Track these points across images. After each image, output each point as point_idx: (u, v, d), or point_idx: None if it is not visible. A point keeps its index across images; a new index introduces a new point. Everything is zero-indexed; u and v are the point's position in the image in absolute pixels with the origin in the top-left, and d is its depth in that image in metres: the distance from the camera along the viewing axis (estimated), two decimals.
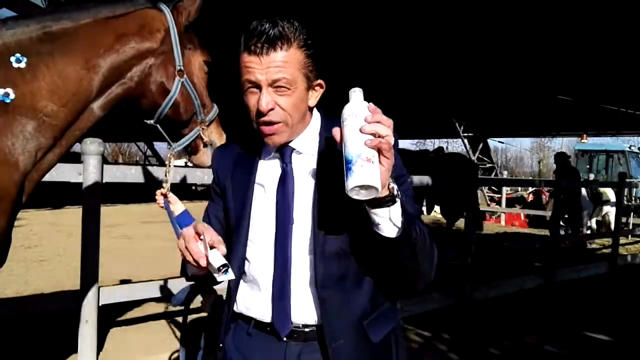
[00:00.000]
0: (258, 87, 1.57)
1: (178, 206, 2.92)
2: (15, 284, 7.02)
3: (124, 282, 6.66)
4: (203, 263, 1.43)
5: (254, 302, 1.69)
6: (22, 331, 5.16)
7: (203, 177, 4.66)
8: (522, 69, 14.34)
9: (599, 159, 20.70)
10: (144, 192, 2.85)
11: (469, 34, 11.74)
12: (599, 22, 10.40)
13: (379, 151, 1.33)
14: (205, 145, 2.59)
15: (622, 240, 12.02)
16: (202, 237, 1.45)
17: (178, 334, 5.24)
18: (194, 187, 23.82)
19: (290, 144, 1.68)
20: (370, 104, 1.38)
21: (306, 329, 1.65)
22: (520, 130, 27.82)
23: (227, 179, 1.77)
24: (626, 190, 13.90)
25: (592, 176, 18.31)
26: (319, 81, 1.67)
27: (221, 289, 1.91)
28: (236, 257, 1.70)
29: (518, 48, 12.49)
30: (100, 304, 4.36)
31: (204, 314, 2.70)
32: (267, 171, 1.72)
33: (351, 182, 1.34)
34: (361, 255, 1.62)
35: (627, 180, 10.92)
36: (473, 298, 7.09)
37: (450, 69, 14.68)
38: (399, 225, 1.44)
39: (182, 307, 2.69)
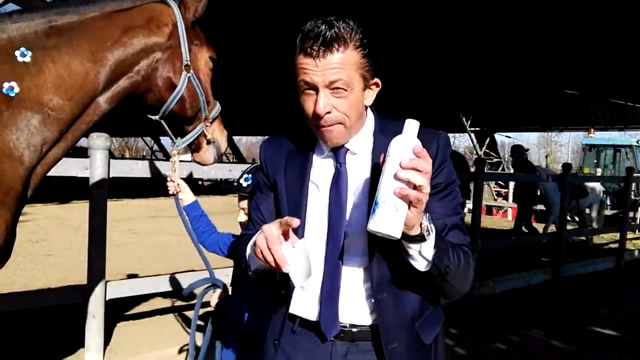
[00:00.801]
0: (314, 89, 1.55)
1: (188, 196, 2.93)
2: (23, 278, 7.05)
3: (130, 276, 6.67)
4: (286, 270, 1.39)
5: (301, 300, 1.68)
6: (29, 325, 5.17)
7: (209, 171, 4.66)
8: (529, 64, 14.28)
9: (607, 153, 20.58)
10: (150, 186, 2.86)
11: (476, 28, 11.70)
12: (606, 17, 10.33)
13: (409, 202, 1.35)
14: (208, 143, 2.58)
15: (629, 235, 11.99)
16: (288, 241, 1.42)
17: (185, 328, 5.24)
18: (200, 182, 23.87)
19: (345, 144, 1.67)
20: (418, 145, 1.37)
21: (354, 329, 1.64)
22: (527, 125, 27.72)
23: (279, 173, 1.74)
24: (633, 184, 13.81)
25: (599, 171, 18.21)
26: (375, 80, 1.65)
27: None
28: None
29: (525, 42, 12.44)
30: (107, 299, 4.37)
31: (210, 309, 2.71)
32: (321, 170, 1.70)
33: (371, 224, 1.36)
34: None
35: (635, 174, 10.86)
36: (480, 293, 7.07)
37: (457, 63, 14.63)
38: (429, 260, 1.48)
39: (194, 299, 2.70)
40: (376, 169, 1.61)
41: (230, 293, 2.81)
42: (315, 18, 1.56)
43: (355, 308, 1.64)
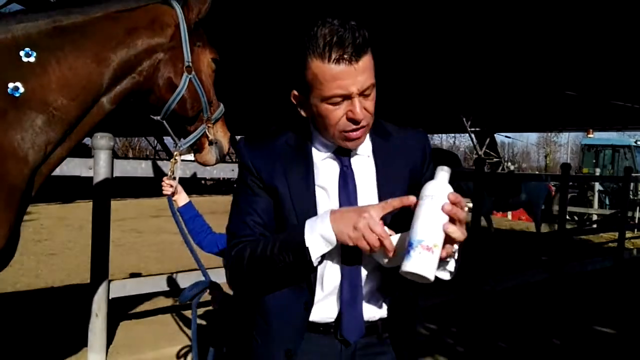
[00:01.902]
0: (347, 97, 1.52)
1: (182, 197, 2.95)
2: (26, 278, 7.07)
3: (133, 275, 6.69)
4: (391, 251, 1.44)
5: (317, 305, 1.66)
6: (33, 324, 5.19)
7: (212, 171, 4.67)
8: (529, 64, 14.24)
9: (605, 153, 20.63)
10: (154, 186, 2.87)
11: (476, 29, 11.67)
12: (605, 18, 10.32)
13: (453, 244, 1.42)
14: (210, 144, 2.60)
15: (628, 234, 12.02)
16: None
17: (187, 327, 5.25)
18: (203, 182, 23.88)
19: None
20: (452, 192, 1.42)
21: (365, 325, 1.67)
22: (527, 125, 27.66)
23: (278, 179, 1.66)
24: (632, 184, 13.78)
25: (598, 171, 18.24)
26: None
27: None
28: None
29: (525, 43, 12.41)
30: (110, 298, 4.38)
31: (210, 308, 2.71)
32: (324, 172, 1.68)
33: (406, 265, 1.37)
34: None
35: (633, 174, 10.88)
36: (480, 291, 7.07)
37: (457, 64, 14.61)
38: (452, 271, 1.53)
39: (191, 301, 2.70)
40: (380, 169, 1.67)
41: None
42: (319, 21, 1.53)
43: (368, 306, 1.65)
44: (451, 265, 1.50)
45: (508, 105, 20.11)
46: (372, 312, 1.66)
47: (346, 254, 1.59)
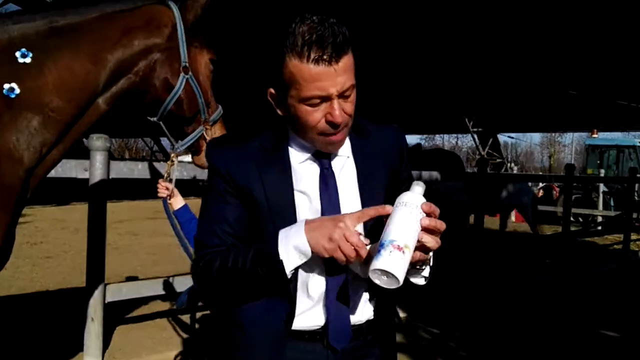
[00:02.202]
0: (325, 99, 1.46)
1: (178, 200, 2.92)
2: (21, 281, 7.03)
3: (130, 279, 6.66)
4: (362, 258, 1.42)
5: (301, 313, 1.60)
6: (28, 328, 5.15)
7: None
8: (533, 64, 14.28)
9: (610, 154, 20.56)
10: (150, 188, 2.85)
11: (479, 29, 11.70)
12: (609, 17, 10.34)
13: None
14: None
15: (634, 236, 11.98)
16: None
17: (184, 332, 5.22)
18: (201, 184, 23.86)
19: None
20: (426, 202, 1.42)
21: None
22: (531, 126, 27.70)
23: (256, 185, 1.58)
24: (637, 185, 13.75)
25: (603, 171, 18.23)
26: None
27: None
28: None
29: (528, 42, 12.44)
30: (106, 301, 4.35)
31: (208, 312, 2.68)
32: (304, 175, 1.61)
33: (375, 263, 1.34)
34: None
35: (639, 175, 10.84)
36: (484, 294, 7.06)
37: (460, 63, 14.64)
38: (427, 276, 1.55)
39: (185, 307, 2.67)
40: (362, 169, 1.64)
41: None
42: (297, 18, 1.45)
43: (355, 310, 1.62)
44: (426, 271, 1.52)
45: (511, 105, 20.15)
46: (359, 315, 1.63)
47: (330, 260, 1.50)
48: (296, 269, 1.50)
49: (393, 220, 1.39)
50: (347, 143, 1.64)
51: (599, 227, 13.77)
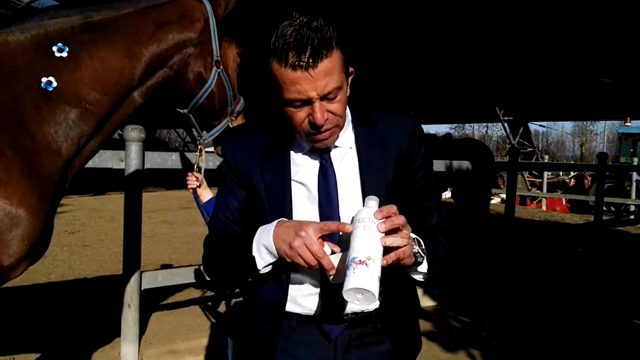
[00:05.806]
0: (306, 102, 1.48)
1: (206, 193, 2.97)
2: (60, 269, 7.20)
3: (165, 266, 6.76)
4: (332, 273, 1.45)
5: (298, 297, 1.65)
6: (66, 315, 5.28)
7: None
8: (564, 51, 14.02)
9: None
10: (184, 178, 2.89)
11: (510, 16, 11.53)
12: None
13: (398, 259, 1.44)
14: None
15: None
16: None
17: (217, 319, 5.29)
18: None
19: None
20: (378, 210, 1.43)
21: (356, 316, 1.66)
22: (562, 114, 27.22)
23: (254, 174, 1.66)
24: None
25: (636, 160, 17.89)
26: (350, 69, 1.59)
27: None
28: None
29: (561, 29, 12.21)
30: (142, 289, 4.42)
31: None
32: (303, 167, 1.65)
33: (344, 286, 1.37)
34: None
35: None
36: (515, 283, 7.01)
37: (491, 52, 14.45)
38: (426, 272, 1.58)
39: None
40: (363, 160, 1.65)
41: None
42: (283, 21, 1.46)
43: None
44: (423, 267, 1.56)
45: (542, 93, 19.81)
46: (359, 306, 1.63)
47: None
48: (277, 264, 1.55)
49: (352, 239, 1.41)
50: (350, 134, 1.67)
51: (632, 216, 13.47)
